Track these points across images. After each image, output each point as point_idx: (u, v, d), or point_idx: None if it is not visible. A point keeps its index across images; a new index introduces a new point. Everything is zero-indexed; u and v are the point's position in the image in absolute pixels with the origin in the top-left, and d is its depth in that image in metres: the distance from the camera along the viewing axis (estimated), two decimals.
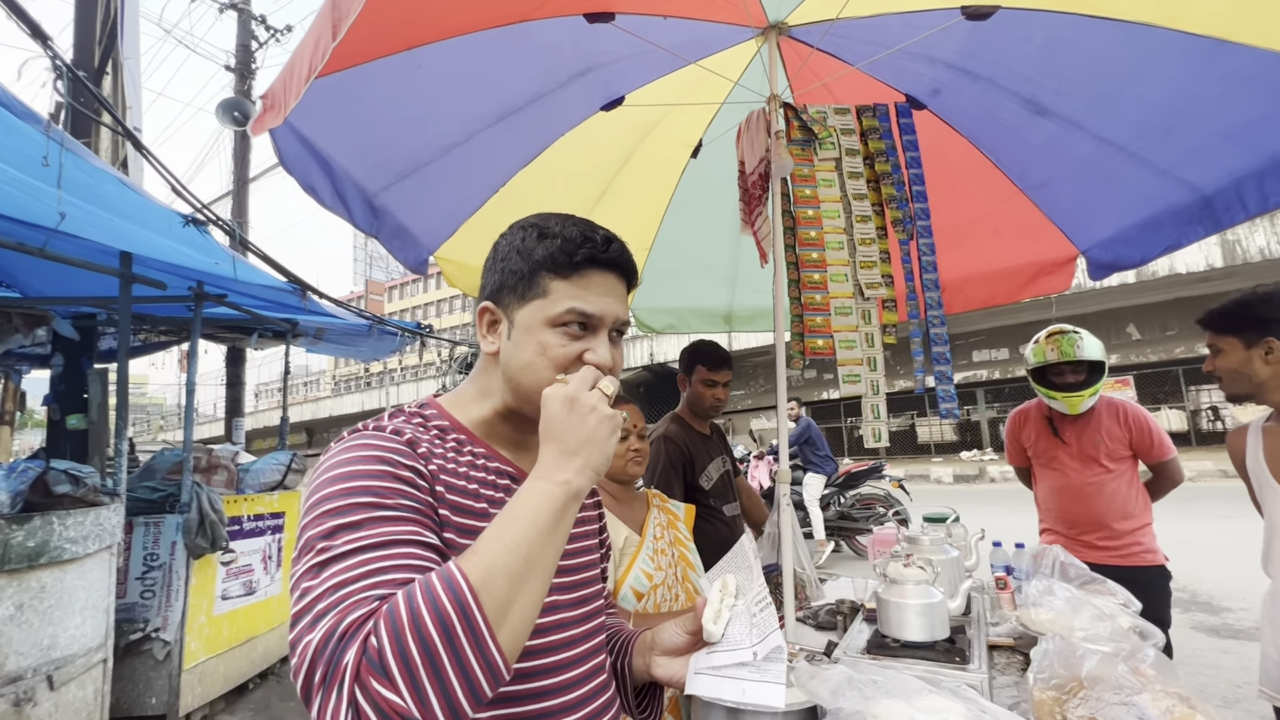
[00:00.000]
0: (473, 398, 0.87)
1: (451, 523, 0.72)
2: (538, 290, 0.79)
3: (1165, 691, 1.17)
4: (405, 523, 0.65)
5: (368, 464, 0.68)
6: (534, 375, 0.78)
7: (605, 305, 0.79)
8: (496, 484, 0.81)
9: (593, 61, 2.20)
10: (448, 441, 0.80)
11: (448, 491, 0.73)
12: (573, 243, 0.78)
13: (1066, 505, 2.66)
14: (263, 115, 1.46)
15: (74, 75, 2.26)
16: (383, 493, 0.66)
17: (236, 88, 9.09)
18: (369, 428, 0.75)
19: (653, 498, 1.80)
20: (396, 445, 0.71)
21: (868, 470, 7.62)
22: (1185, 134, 2.01)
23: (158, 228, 2.56)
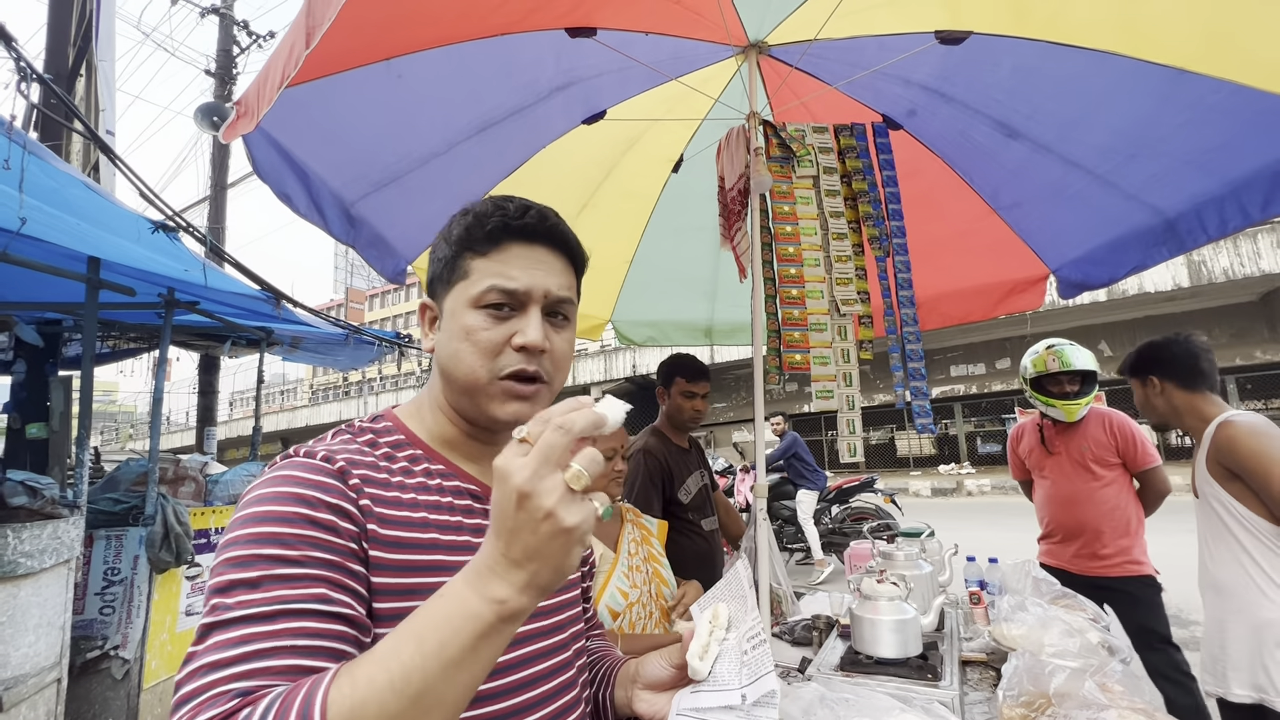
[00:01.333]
0: (428, 406, 0.78)
1: (386, 563, 0.62)
2: (460, 272, 0.73)
3: (1131, 707, 1.18)
4: (310, 582, 0.56)
5: (282, 504, 0.58)
6: (462, 364, 0.71)
7: (531, 278, 0.71)
8: (454, 506, 0.71)
9: (574, 75, 2.21)
10: (398, 461, 0.71)
11: (383, 525, 0.63)
12: (484, 215, 0.72)
13: (1056, 512, 2.76)
14: (235, 121, 1.44)
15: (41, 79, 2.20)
16: (291, 542, 0.57)
17: (217, 93, 8.98)
18: (300, 453, 0.66)
19: (626, 513, 1.78)
20: (321, 479, 0.62)
21: (859, 485, 7.61)
22: (1149, 159, 2.07)
23: (127, 233, 2.50)
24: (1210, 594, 1.94)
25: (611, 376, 19.10)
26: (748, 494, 8.00)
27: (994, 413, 17.59)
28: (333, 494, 0.61)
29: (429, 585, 0.60)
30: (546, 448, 0.50)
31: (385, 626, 0.59)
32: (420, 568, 0.64)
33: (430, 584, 0.61)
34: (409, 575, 0.63)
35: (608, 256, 3.25)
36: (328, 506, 0.60)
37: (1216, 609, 1.90)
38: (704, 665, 0.75)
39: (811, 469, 7.35)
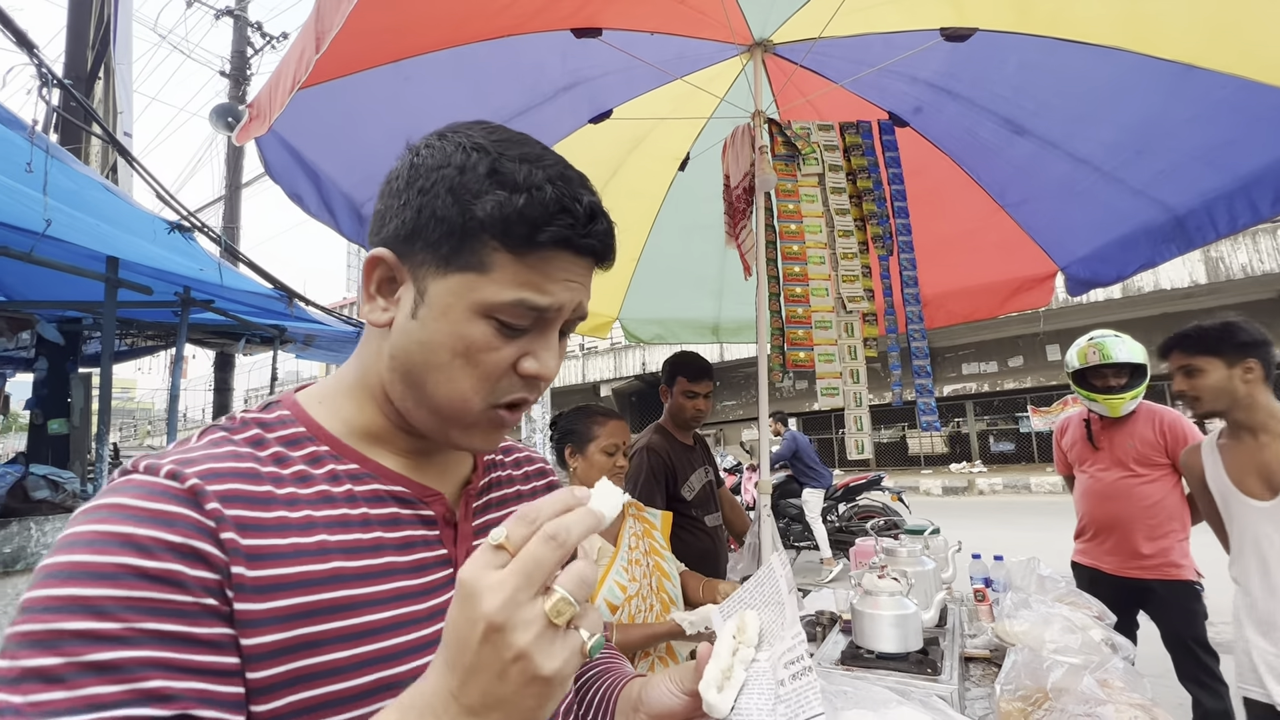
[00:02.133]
0: (348, 389, 0.59)
1: (261, 616, 0.45)
2: (474, 260, 0.52)
3: (1129, 703, 1.19)
4: (138, 671, 0.39)
5: (101, 551, 0.41)
6: (451, 385, 0.53)
7: (567, 295, 0.54)
8: (370, 518, 0.54)
9: (580, 75, 2.23)
10: (291, 464, 0.53)
11: (255, 564, 0.46)
12: (544, 210, 0.51)
13: (1091, 507, 2.68)
14: (248, 124, 1.48)
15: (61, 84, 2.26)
16: (111, 610, 0.39)
17: (231, 94, 9.10)
18: (140, 468, 0.47)
19: (628, 507, 1.81)
20: (161, 509, 0.44)
21: (867, 483, 7.55)
22: (1157, 155, 2.06)
23: (144, 234, 2.56)
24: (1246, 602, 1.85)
25: (621, 374, 19.14)
26: (754, 492, 8.02)
27: (1006, 411, 17.42)
28: (178, 529, 0.43)
29: (331, 634, 0.47)
30: (531, 565, 0.38)
31: (276, 699, 0.45)
32: (316, 611, 0.47)
33: (333, 630, 0.47)
34: (300, 625, 0.46)
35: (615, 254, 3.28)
36: (169, 550, 0.42)
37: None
38: (724, 699, 0.54)
39: (815, 467, 7.31)
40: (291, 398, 0.60)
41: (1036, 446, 16.67)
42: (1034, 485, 13.59)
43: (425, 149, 0.55)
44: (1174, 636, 2.48)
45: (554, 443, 1.84)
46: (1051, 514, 9.90)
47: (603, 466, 1.69)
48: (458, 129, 0.55)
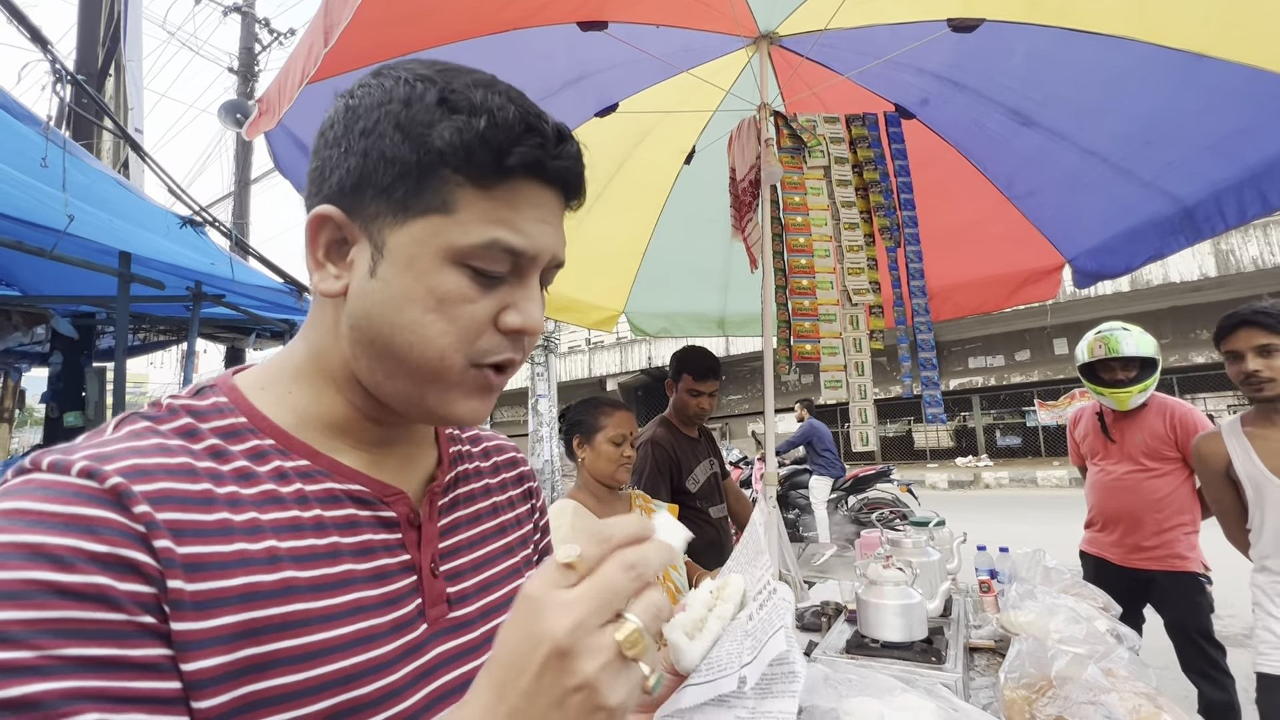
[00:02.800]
0: (298, 373, 0.52)
1: (203, 635, 0.39)
2: (435, 200, 0.46)
3: (1134, 691, 1.19)
4: (56, 711, 0.33)
5: (8, 568, 0.34)
6: (427, 343, 0.47)
7: (545, 239, 0.49)
8: (324, 521, 0.47)
9: (586, 69, 2.24)
10: (231, 460, 0.46)
11: (194, 577, 0.39)
12: (509, 130, 0.46)
13: (1100, 499, 2.71)
14: (257, 119, 1.50)
15: (74, 80, 2.29)
16: (22, 637, 0.33)
17: (239, 90, 9.14)
18: (43, 466, 0.39)
19: (635, 498, 1.83)
20: (79, 514, 0.37)
21: (875, 474, 7.58)
22: (1166, 146, 2.04)
23: (156, 228, 2.59)
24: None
25: (627, 369, 19.15)
26: None
27: (1013, 405, 17.34)
28: (101, 536, 0.37)
29: (282, 654, 0.42)
30: (606, 590, 0.35)
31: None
32: (264, 628, 0.41)
33: (284, 651, 0.42)
34: (246, 644, 0.40)
35: (621, 248, 3.29)
36: (90, 561, 0.36)
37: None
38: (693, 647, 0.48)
39: (828, 457, 7.33)
40: (229, 382, 0.51)
41: (1043, 441, 16.59)
42: (1040, 479, 13.53)
43: (360, 89, 0.48)
44: (1178, 627, 2.49)
45: (562, 434, 1.85)
46: (1058, 508, 9.87)
47: (610, 456, 1.70)
48: (393, 65, 0.49)
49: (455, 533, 0.58)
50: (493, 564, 0.60)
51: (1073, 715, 1.12)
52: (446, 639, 0.52)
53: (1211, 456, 1.97)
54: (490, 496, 0.64)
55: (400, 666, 0.48)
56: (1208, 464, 1.99)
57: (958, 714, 1.14)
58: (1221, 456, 1.94)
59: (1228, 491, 1.95)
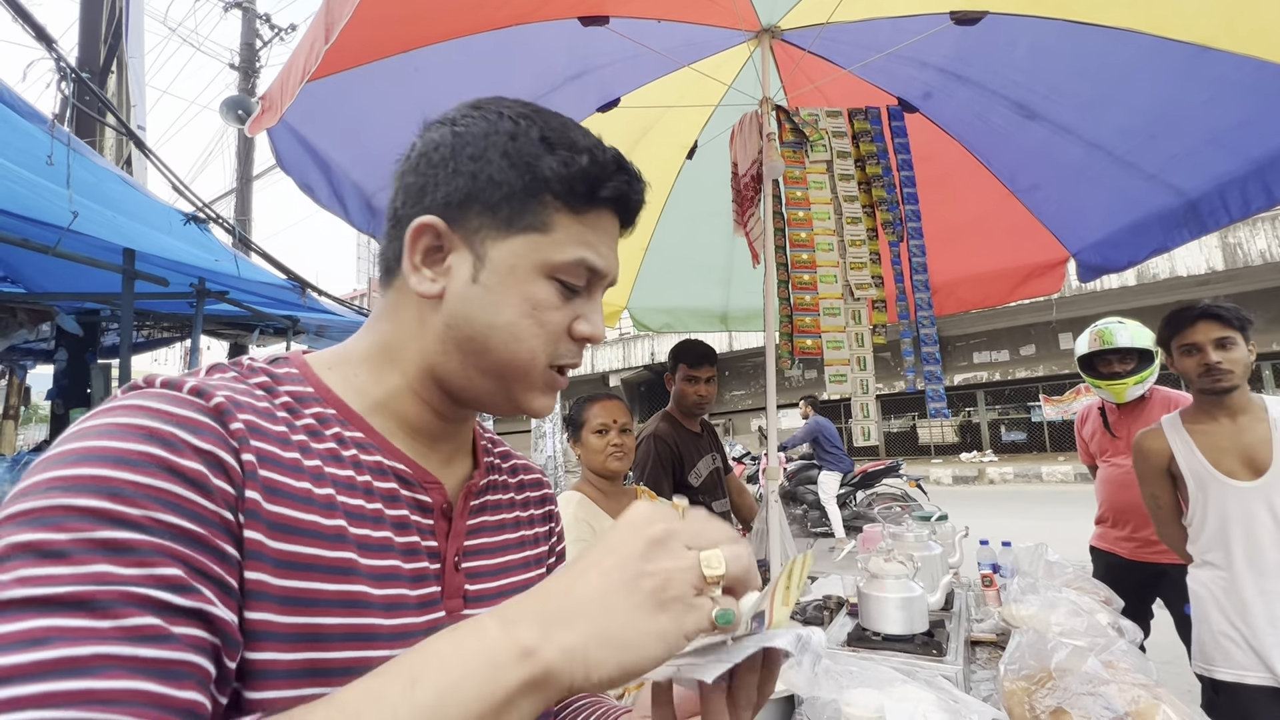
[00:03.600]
0: (364, 358, 0.57)
1: (267, 552, 0.42)
2: (535, 220, 0.54)
3: (1133, 683, 1.20)
4: (156, 558, 0.36)
5: (125, 439, 0.38)
6: (521, 343, 0.54)
7: (612, 262, 0.58)
8: (373, 488, 0.51)
9: (588, 64, 2.23)
10: (301, 418, 0.50)
11: (270, 499, 0.43)
12: (605, 168, 0.54)
13: (1110, 495, 2.71)
14: (260, 115, 1.50)
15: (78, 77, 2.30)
16: (131, 495, 0.36)
17: (241, 86, 9.15)
18: (157, 383, 0.44)
19: (642, 493, 1.84)
20: (189, 416, 0.42)
21: (884, 469, 7.57)
22: (1171, 139, 2.04)
23: (160, 225, 2.60)
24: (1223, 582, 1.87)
25: (630, 364, 19.16)
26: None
27: (1018, 400, 17.29)
28: (205, 437, 0.41)
29: (326, 595, 0.44)
30: (704, 530, 0.41)
31: (261, 649, 0.41)
32: (320, 567, 0.44)
33: (328, 593, 0.44)
34: (301, 577, 0.43)
35: (623, 244, 3.24)
36: (195, 453, 0.40)
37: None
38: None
39: (836, 453, 7.32)
40: (300, 358, 0.57)
41: (1048, 436, 16.56)
42: (1045, 474, 13.52)
43: (464, 119, 0.55)
44: (1187, 620, 2.48)
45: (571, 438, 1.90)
46: (1063, 503, 9.86)
47: (595, 447, 1.73)
48: (489, 102, 0.57)
49: (480, 534, 0.61)
50: (509, 573, 0.62)
51: (1071, 706, 1.13)
52: None
53: (1154, 453, 1.96)
54: (514, 510, 0.67)
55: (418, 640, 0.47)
56: (1150, 460, 1.98)
57: (958, 705, 1.15)
58: (1164, 453, 1.94)
59: (1167, 488, 1.96)
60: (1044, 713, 1.16)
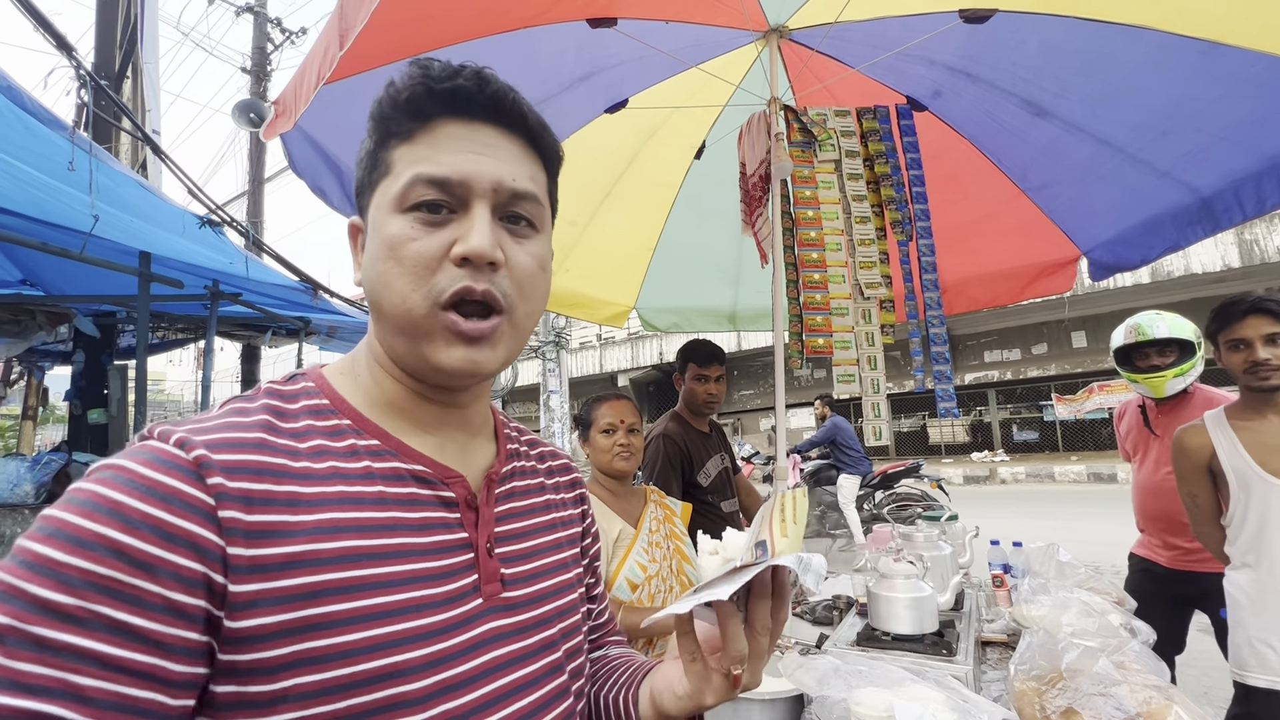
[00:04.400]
0: (365, 360, 0.58)
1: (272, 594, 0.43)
2: (382, 167, 0.54)
3: (1145, 684, 1.19)
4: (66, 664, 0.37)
5: (88, 516, 0.40)
6: (389, 291, 0.51)
7: (467, 163, 0.52)
8: (386, 497, 0.51)
9: (596, 65, 2.24)
10: (309, 439, 0.51)
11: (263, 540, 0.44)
12: (424, 83, 0.52)
13: (1145, 501, 2.55)
14: (274, 120, 1.53)
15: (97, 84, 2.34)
16: (75, 587, 0.38)
17: (252, 89, 9.24)
18: (154, 434, 0.46)
19: (650, 493, 1.85)
20: (160, 483, 0.42)
21: (905, 470, 7.35)
22: (1183, 136, 2.02)
23: (175, 228, 2.64)
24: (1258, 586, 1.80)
25: (639, 364, 19.17)
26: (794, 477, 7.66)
27: (1030, 399, 17.14)
28: (172, 508, 0.42)
29: (341, 615, 0.45)
30: None
31: (280, 679, 0.43)
32: (324, 591, 0.45)
33: (343, 612, 0.45)
34: (307, 605, 0.44)
35: (631, 244, 3.30)
36: (153, 530, 0.40)
37: None
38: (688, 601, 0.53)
39: (855, 454, 7.10)
40: (317, 371, 0.59)
41: (1061, 435, 16.40)
42: (1058, 474, 13.39)
43: None
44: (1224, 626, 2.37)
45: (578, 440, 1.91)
46: (1076, 503, 9.77)
47: (602, 447, 1.74)
48: None
49: (510, 520, 0.61)
50: (542, 555, 0.63)
51: (1082, 706, 1.13)
52: (498, 616, 0.55)
53: (1194, 450, 1.91)
54: (544, 494, 0.68)
55: (453, 635, 0.51)
56: (1190, 457, 1.92)
57: (967, 705, 1.15)
58: (1205, 449, 1.88)
59: (1206, 487, 1.91)
60: (1054, 713, 1.15)
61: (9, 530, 2.24)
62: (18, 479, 2.35)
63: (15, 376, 6.37)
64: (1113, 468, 12.67)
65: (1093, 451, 15.61)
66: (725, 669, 0.54)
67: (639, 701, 0.64)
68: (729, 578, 0.52)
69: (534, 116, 0.56)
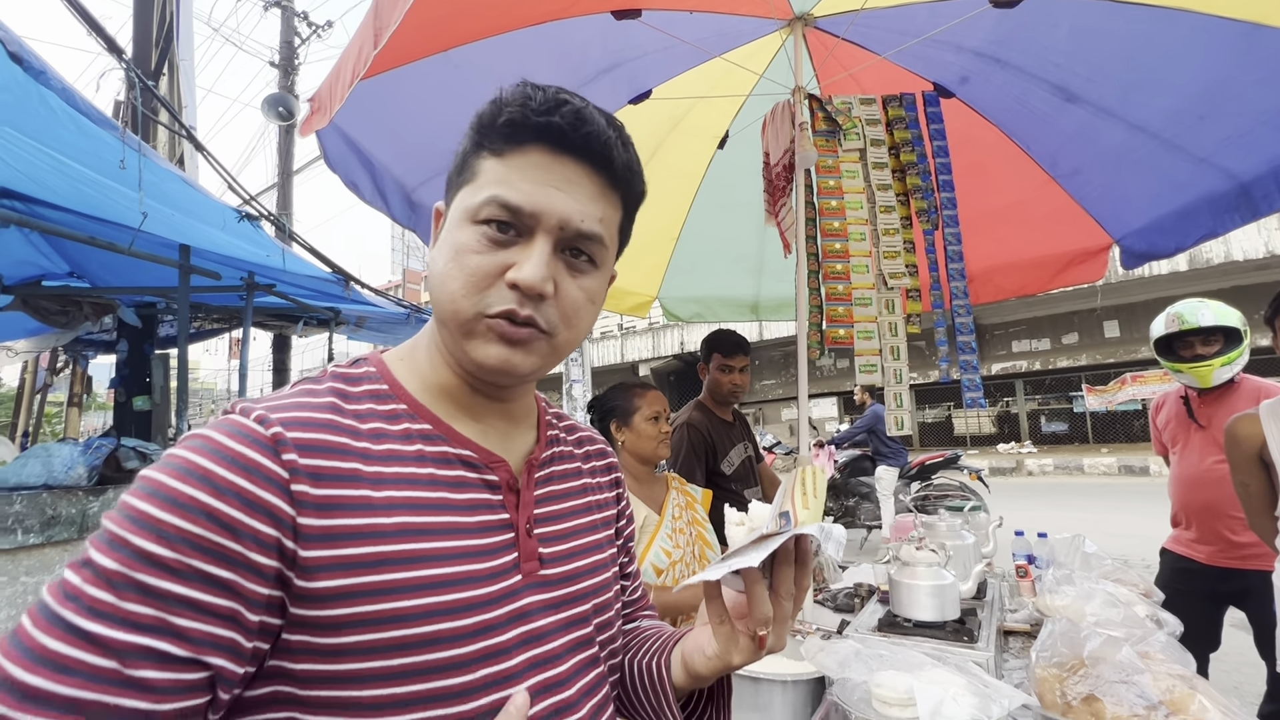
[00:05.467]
0: (424, 347, 0.62)
1: (335, 560, 0.48)
2: (469, 174, 0.58)
3: (1169, 673, 1.20)
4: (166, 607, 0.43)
5: (185, 483, 0.45)
6: (445, 289, 0.56)
7: (542, 197, 0.55)
8: (437, 479, 0.56)
9: (620, 57, 2.26)
10: (370, 421, 0.55)
11: (328, 512, 0.49)
12: (527, 107, 0.55)
13: (1182, 492, 2.49)
14: (310, 117, 1.58)
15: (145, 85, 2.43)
16: (173, 541, 0.43)
17: (281, 83, 9.40)
18: (236, 410, 0.52)
19: (672, 481, 1.88)
20: (242, 452, 0.47)
21: (943, 461, 7.07)
22: (1221, 120, 1.97)
23: (214, 221, 2.73)
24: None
25: (660, 354, 19.19)
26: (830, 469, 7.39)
27: (1059, 390, 16.77)
28: (253, 478, 0.47)
29: (398, 584, 0.50)
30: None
31: (343, 635, 0.48)
32: (383, 561, 0.50)
33: (400, 581, 0.50)
34: (367, 572, 0.49)
35: (654, 234, 3.32)
36: (237, 496, 0.46)
37: None
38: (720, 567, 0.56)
39: (894, 445, 6.88)
40: (378, 357, 0.63)
41: (1091, 427, 16.03)
42: (1088, 467, 13.12)
43: None
44: (1267, 632, 2.17)
45: (596, 423, 1.90)
46: (1106, 496, 9.58)
47: (649, 434, 1.76)
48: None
49: (548, 503, 0.65)
50: (579, 535, 0.67)
51: (1104, 694, 1.14)
52: (537, 591, 0.59)
53: (1247, 439, 1.89)
54: (581, 478, 0.72)
55: (497, 606, 0.55)
56: (1241, 446, 1.90)
57: (988, 689, 1.17)
58: (1257, 439, 1.86)
59: (1259, 476, 1.89)
60: (1075, 699, 1.17)
61: (64, 511, 2.37)
62: (71, 462, 2.47)
63: (61, 365, 6.64)
64: (1144, 460, 12.36)
65: (1124, 444, 15.23)
66: (751, 631, 0.58)
67: (671, 665, 0.68)
68: (756, 545, 0.56)
69: (622, 159, 0.59)
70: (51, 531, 2.32)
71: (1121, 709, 1.11)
